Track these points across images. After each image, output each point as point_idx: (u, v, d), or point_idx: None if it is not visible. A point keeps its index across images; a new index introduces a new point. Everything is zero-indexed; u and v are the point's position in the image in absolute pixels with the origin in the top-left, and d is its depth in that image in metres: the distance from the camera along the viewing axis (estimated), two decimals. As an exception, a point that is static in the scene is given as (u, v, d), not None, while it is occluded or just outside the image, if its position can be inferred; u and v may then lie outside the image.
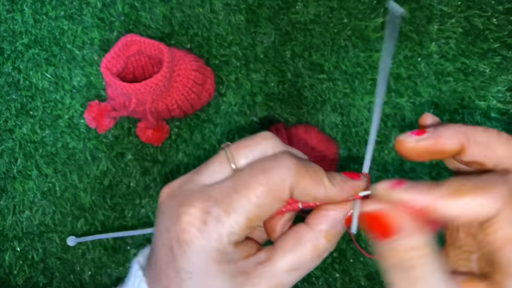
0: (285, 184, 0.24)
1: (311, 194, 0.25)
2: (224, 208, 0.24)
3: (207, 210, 0.24)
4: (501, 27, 0.61)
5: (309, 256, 0.26)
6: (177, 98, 0.56)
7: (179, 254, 0.25)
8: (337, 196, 0.26)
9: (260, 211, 0.24)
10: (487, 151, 0.23)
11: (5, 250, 0.60)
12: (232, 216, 0.24)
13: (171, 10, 0.64)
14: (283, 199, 0.25)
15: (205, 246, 0.24)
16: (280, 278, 0.26)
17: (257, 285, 0.25)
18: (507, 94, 0.60)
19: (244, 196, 0.24)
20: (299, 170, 0.25)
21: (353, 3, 0.63)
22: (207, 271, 0.25)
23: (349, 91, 0.61)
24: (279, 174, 0.24)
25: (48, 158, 0.62)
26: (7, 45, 0.65)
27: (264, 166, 0.25)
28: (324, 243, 0.26)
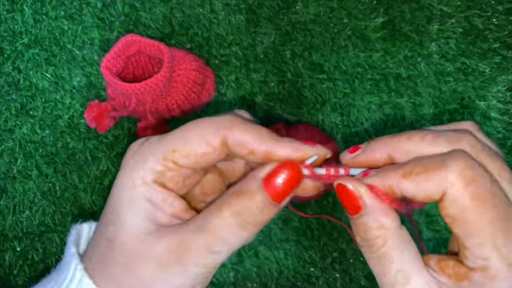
0: (216, 129, 0.25)
1: (248, 146, 0.25)
2: (159, 137, 0.26)
3: (148, 138, 0.26)
4: (501, 27, 0.61)
5: (215, 215, 0.25)
6: (177, 98, 0.56)
7: (117, 176, 0.26)
8: (279, 153, 0.25)
9: (187, 148, 0.25)
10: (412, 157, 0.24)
11: (5, 250, 0.60)
12: (161, 144, 0.25)
13: (171, 10, 0.64)
14: (211, 144, 0.25)
15: (132, 166, 0.25)
16: (186, 235, 0.24)
17: (161, 237, 0.25)
18: (507, 94, 0.60)
19: (176, 131, 0.26)
20: (235, 121, 0.26)
21: (353, 3, 0.63)
22: (125, 195, 0.25)
23: (349, 91, 0.61)
24: (213, 120, 0.26)
25: (48, 158, 0.62)
26: (7, 45, 0.65)
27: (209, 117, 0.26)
28: (234, 202, 0.25)
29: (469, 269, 0.23)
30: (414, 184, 0.23)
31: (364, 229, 0.24)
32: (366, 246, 0.25)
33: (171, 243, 0.24)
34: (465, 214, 0.22)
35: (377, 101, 0.61)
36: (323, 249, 0.58)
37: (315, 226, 0.58)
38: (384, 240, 0.24)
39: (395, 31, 0.62)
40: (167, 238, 0.24)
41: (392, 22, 0.62)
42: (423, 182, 0.23)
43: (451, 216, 0.22)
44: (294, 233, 0.58)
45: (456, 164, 0.22)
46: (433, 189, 0.22)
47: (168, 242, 0.24)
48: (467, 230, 0.22)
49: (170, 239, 0.24)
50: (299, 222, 0.58)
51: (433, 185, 0.22)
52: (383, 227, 0.24)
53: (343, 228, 0.58)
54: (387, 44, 0.62)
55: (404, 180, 0.23)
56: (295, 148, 0.25)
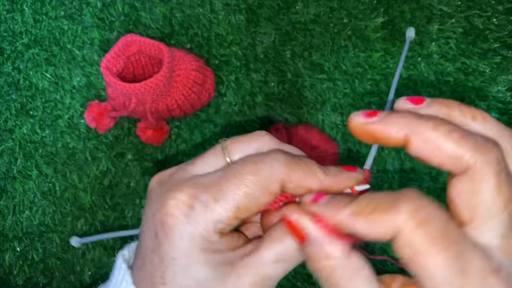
0: (275, 176, 0.25)
1: (304, 185, 0.25)
2: (212, 195, 0.24)
3: (195, 196, 0.24)
4: (501, 27, 0.61)
5: (295, 246, 0.25)
6: (177, 98, 0.56)
7: (163, 240, 0.25)
8: (332, 186, 0.25)
9: (249, 201, 0.24)
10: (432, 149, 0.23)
11: (5, 250, 0.60)
12: (220, 203, 0.24)
13: (171, 10, 0.64)
14: (272, 192, 0.25)
15: (190, 232, 0.24)
16: (266, 269, 0.25)
17: (243, 276, 0.25)
18: (507, 94, 0.60)
19: (234, 184, 0.24)
20: (289, 162, 0.25)
21: (353, 3, 0.63)
22: (191, 258, 0.24)
23: (349, 91, 0.61)
24: (269, 166, 0.25)
25: (48, 158, 0.62)
26: (7, 45, 0.65)
27: (256, 159, 0.25)
28: None
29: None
30: (364, 224, 0.22)
31: (310, 259, 0.24)
32: (316, 275, 0.24)
33: (256, 280, 0.25)
34: (418, 257, 0.21)
35: (377, 101, 0.61)
36: (323, 249, 0.58)
37: (315, 226, 0.58)
38: (331, 270, 0.23)
39: (395, 31, 0.62)
40: (248, 276, 0.25)
41: (392, 22, 0.62)
42: (373, 223, 0.22)
43: (405, 258, 0.21)
44: (294, 233, 0.58)
45: (408, 206, 0.21)
46: (383, 230, 0.21)
47: (252, 278, 0.25)
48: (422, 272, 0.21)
49: (252, 275, 0.25)
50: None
51: (383, 227, 0.21)
52: (329, 257, 0.23)
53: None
54: (387, 44, 0.62)
55: (354, 219, 0.22)
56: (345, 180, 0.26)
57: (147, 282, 0.26)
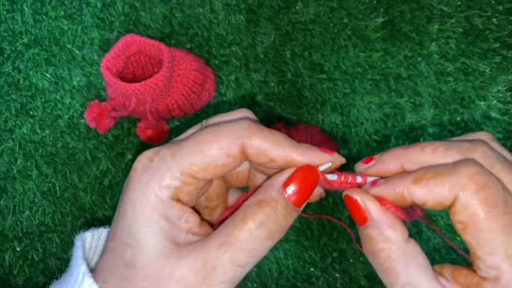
0: (235, 138, 0.24)
1: (267, 154, 0.24)
2: (171, 150, 0.24)
3: (157, 151, 0.25)
4: (501, 27, 0.61)
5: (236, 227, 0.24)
6: (177, 98, 0.56)
7: (123, 194, 0.25)
8: (298, 159, 0.25)
9: (205, 161, 0.24)
10: None
11: (5, 250, 0.60)
12: (176, 158, 0.24)
13: (171, 10, 0.64)
14: (231, 154, 0.24)
15: (143, 184, 0.24)
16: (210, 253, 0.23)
17: (185, 257, 0.24)
18: (507, 94, 0.60)
19: (192, 143, 0.24)
20: (253, 128, 0.25)
21: (353, 3, 0.63)
22: (139, 214, 0.24)
23: (349, 91, 0.61)
24: (230, 128, 0.25)
25: (48, 158, 0.62)
26: (7, 45, 0.65)
27: (220, 123, 0.25)
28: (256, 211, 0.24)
29: (482, 279, 0.23)
30: (425, 189, 0.23)
31: (370, 241, 0.24)
32: (372, 258, 0.25)
33: (195, 264, 0.23)
34: (476, 221, 0.22)
35: (377, 101, 0.61)
36: (323, 249, 0.58)
37: (315, 226, 0.58)
38: (389, 254, 0.24)
39: (395, 31, 0.62)
40: (190, 259, 0.23)
41: (392, 22, 0.62)
42: (435, 187, 0.23)
43: (462, 222, 0.22)
44: (294, 233, 0.58)
45: (468, 170, 0.22)
46: (444, 194, 0.22)
47: (192, 262, 0.23)
48: (478, 237, 0.22)
49: (193, 259, 0.23)
50: (299, 222, 0.58)
51: (445, 190, 0.22)
52: (388, 240, 0.24)
53: (343, 228, 0.58)
54: (387, 44, 0.62)
55: (414, 186, 0.23)
56: (313, 155, 0.25)
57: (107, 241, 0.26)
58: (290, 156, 0.25)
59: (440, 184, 0.22)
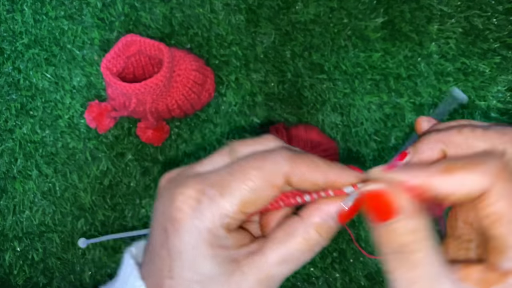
0: (279, 170, 0.25)
1: (309, 179, 0.25)
2: (218, 189, 0.25)
3: (202, 191, 0.25)
4: (501, 27, 0.61)
5: (300, 248, 0.26)
6: (177, 98, 0.56)
7: (171, 234, 0.25)
8: (336, 180, 0.25)
9: (254, 196, 0.25)
10: (467, 151, 0.24)
11: (5, 250, 0.60)
12: (226, 198, 0.25)
13: (171, 10, 0.64)
14: (277, 185, 0.25)
15: (197, 225, 0.25)
16: (270, 269, 0.25)
17: (247, 274, 0.25)
18: (507, 94, 0.60)
19: (239, 179, 0.25)
20: (292, 156, 0.26)
21: (353, 3, 0.63)
22: (197, 252, 0.25)
23: (349, 91, 0.61)
24: (273, 160, 0.25)
25: (48, 158, 0.62)
26: (7, 45, 0.65)
27: (260, 155, 0.26)
28: (315, 236, 0.26)
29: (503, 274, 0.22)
30: (457, 178, 0.22)
31: (398, 234, 0.22)
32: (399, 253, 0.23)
33: (260, 277, 0.25)
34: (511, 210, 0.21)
35: (377, 101, 0.61)
36: (323, 249, 0.58)
37: (315, 226, 0.58)
38: (420, 244, 0.22)
39: (395, 31, 0.62)
40: (252, 275, 0.25)
41: (392, 22, 0.62)
42: (468, 176, 0.22)
43: (497, 213, 0.21)
44: (294, 233, 0.58)
45: (498, 161, 0.22)
46: (477, 183, 0.21)
47: (255, 277, 0.25)
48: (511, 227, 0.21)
49: (256, 273, 0.25)
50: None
51: (478, 179, 0.21)
52: (418, 230, 0.22)
53: (343, 228, 0.58)
54: (387, 44, 0.62)
55: (444, 177, 0.22)
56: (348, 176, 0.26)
57: (155, 276, 0.26)
58: (330, 180, 0.25)
59: (471, 173, 0.21)
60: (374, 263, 0.57)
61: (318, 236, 0.26)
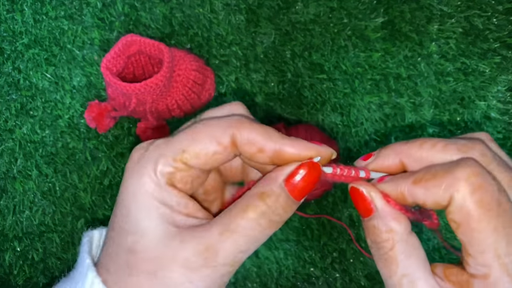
0: (226, 129, 0.25)
1: (257, 144, 0.25)
2: (165, 140, 0.26)
3: (152, 141, 0.26)
4: (501, 27, 0.61)
5: (244, 217, 0.25)
6: (177, 98, 0.56)
7: (121, 185, 0.26)
8: (287, 152, 0.25)
9: (197, 148, 0.25)
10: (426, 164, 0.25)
11: (5, 250, 0.60)
12: (169, 145, 0.25)
13: (171, 10, 0.64)
14: (223, 143, 0.25)
15: (140, 171, 0.25)
16: (211, 240, 0.24)
17: (186, 241, 0.24)
18: (507, 94, 0.60)
19: (185, 132, 0.26)
20: (244, 120, 0.26)
21: (353, 3, 0.63)
22: (137, 202, 0.25)
23: (349, 91, 0.61)
24: (224, 120, 0.26)
25: (48, 158, 0.62)
26: (7, 45, 0.65)
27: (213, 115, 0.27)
28: (261, 205, 0.25)
29: (471, 276, 0.23)
30: (423, 190, 0.24)
31: (374, 231, 0.25)
32: (375, 248, 0.26)
33: (198, 247, 0.24)
34: (469, 221, 0.23)
35: (377, 101, 0.61)
36: (323, 249, 0.58)
37: (315, 226, 0.58)
38: (392, 244, 0.25)
39: (395, 31, 0.62)
40: (193, 243, 0.24)
41: (392, 22, 0.62)
42: (432, 188, 0.24)
43: (456, 222, 0.23)
44: (294, 233, 0.58)
45: (464, 171, 0.23)
46: (440, 195, 0.23)
47: (195, 246, 0.24)
48: (470, 236, 0.23)
49: (196, 243, 0.24)
50: (299, 222, 0.58)
51: (441, 191, 0.23)
52: (392, 231, 0.25)
53: (343, 228, 0.58)
54: (387, 44, 0.62)
55: (414, 187, 0.24)
56: (303, 147, 0.25)
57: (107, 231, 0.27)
58: (279, 148, 0.25)
59: (437, 185, 0.23)
60: (374, 263, 0.57)
61: (264, 206, 0.25)
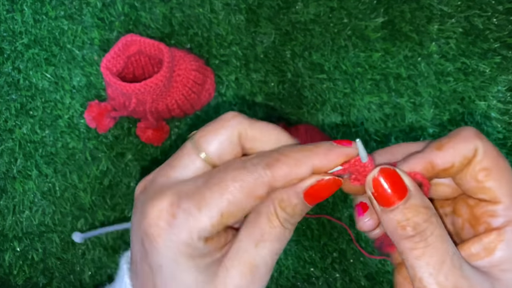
0: (261, 181, 0.24)
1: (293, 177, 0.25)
2: (195, 203, 0.24)
3: (177, 204, 0.24)
4: (501, 27, 0.61)
5: (267, 225, 0.25)
6: (177, 98, 0.56)
7: (149, 249, 0.25)
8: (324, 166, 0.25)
9: (233, 208, 0.24)
10: None
11: (5, 250, 0.60)
12: (203, 212, 0.24)
13: (171, 10, 0.64)
14: (259, 196, 0.24)
15: (174, 240, 0.24)
16: (249, 255, 0.25)
17: (230, 268, 0.25)
18: (507, 94, 0.60)
19: (217, 192, 0.24)
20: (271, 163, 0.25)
21: (353, 3, 0.63)
22: (177, 265, 0.24)
23: (349, 91, 0.61)
24: (252, 171, 0.24)
25: (48, 158, 0.62)
26: (7, 45, 0.65)
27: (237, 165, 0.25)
28: (280, 212, 0.25)
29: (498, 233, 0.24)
30: (450, 151, 0.25)
31: (415, 212, 0.24)
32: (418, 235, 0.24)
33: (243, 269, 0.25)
34: (499, 163, 0.25)
35: (377, 101, 0.61)
36: (323, 249, 0.58)
37: (315, 226, 0.58)
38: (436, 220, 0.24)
39: (395, 31, 0.62)
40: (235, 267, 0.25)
41: (392, 22, 0.62)
42: (457, 146, 0.25)
43: (487, 168, 0.25)
44: (294, 233, 0.58)
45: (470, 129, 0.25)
46: (467, 148, 0.25)
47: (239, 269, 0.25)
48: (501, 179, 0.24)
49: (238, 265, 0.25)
50: (299, 222, 0.58)
51: (466, 145, 0.25)
52: (430, 206, 0.24)
53: (343, 228, 0.58)
54: (387, 44, 0.62)
55: (440, 152, 0.25)
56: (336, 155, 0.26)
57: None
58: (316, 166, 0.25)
59: (459, 142, 0.25)
60: (374, 263, 0.57)
61: (282, 212, 0.25)
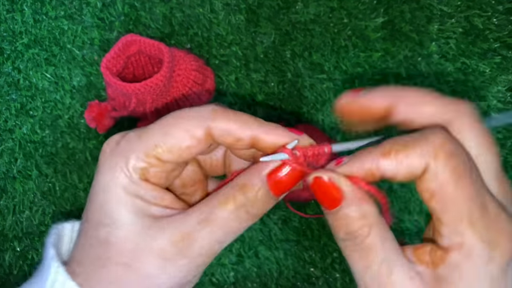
0: (199, 121, 0.24)
1: (234, 134, 0.25)
2: (137, 133, 0.25)
3: (124, 135, 0.26)
4: (501, 27, 0.61)
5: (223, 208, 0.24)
6: (177, 98, 0.56)
7: (95, 177, 0.25)
8: (265, 138, 0.25)
9: (170, 143, 0.24)
10: (415, 110, 0.24)
11: (5, 250, 0.60)
12: (141, 139, 0.25)
13: (171, 10, 0.64)
14: (196, 136, 0.25)
15: (112, 165, 0.25)
16: (189, 229, 0.24)
17: (163, 230, 0.24)
18: (507, 94, 0.60)
19: (157, 125, 0.25)
20: (217, 110, 0.25)
21: (353, 3, 0.63)
22: (109, 195, 0.24)
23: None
24: (194, 111, 0.25)
25: (48, 158, 0.62)
26: (7, 45, 0.65)
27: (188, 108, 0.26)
28: (239, 197, 0.25)
29: (445, 251, 0.22)
30: (395, 162, 0.22)
31: (347, 221, 0.23)
32: (349, 240, 0.23)
33: (174, 236, 0.24)
34: (445, 189, 0.22)
35: (377, 101, 0.61)
36: (323, 249, 0.58)
37: (315, 226, 0.58)
38: (369, 230, 0.23)
39: (395, 31, 0.62)
40: (169, 231, 0.24)
41: (392, 22, 0.62)
42: (405, 158, 0.22)
43: (430, 191, 0.22)
44: (294, 233, 0.58)
45: (438, 137, 0.22)
46: (415, 164, 0.22)
47: (171, 235, 0.24)
48: (445, 205, 0.22)
49: (172, 232, 0.24)
50: (299, 222, 0.58)
51: (415, 160, 0.22)
52: (366, 216, 0.23)
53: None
54: (387, 44, 0.62)
55: (384, 160, 0.22)
56: (280, 134, 0.25)
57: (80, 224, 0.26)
58: (256, 135, 0.25)
59: (410, 154, 0.22)
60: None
61: (243, 198, 0.25)
